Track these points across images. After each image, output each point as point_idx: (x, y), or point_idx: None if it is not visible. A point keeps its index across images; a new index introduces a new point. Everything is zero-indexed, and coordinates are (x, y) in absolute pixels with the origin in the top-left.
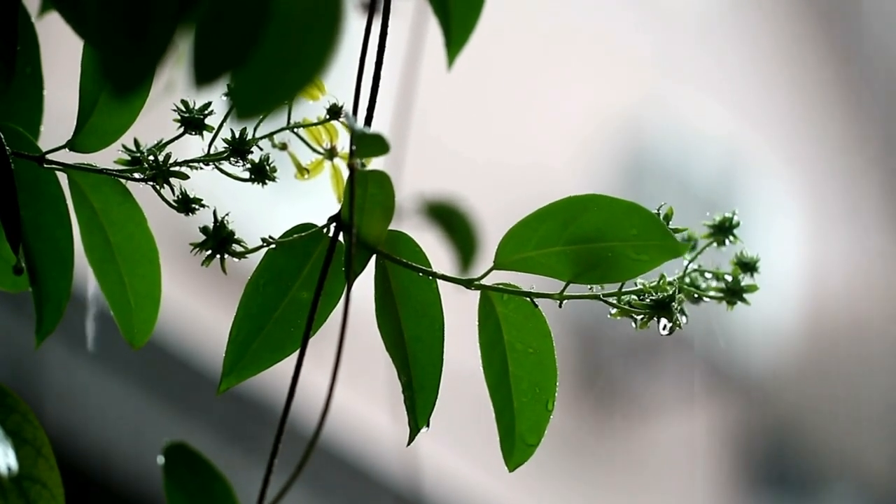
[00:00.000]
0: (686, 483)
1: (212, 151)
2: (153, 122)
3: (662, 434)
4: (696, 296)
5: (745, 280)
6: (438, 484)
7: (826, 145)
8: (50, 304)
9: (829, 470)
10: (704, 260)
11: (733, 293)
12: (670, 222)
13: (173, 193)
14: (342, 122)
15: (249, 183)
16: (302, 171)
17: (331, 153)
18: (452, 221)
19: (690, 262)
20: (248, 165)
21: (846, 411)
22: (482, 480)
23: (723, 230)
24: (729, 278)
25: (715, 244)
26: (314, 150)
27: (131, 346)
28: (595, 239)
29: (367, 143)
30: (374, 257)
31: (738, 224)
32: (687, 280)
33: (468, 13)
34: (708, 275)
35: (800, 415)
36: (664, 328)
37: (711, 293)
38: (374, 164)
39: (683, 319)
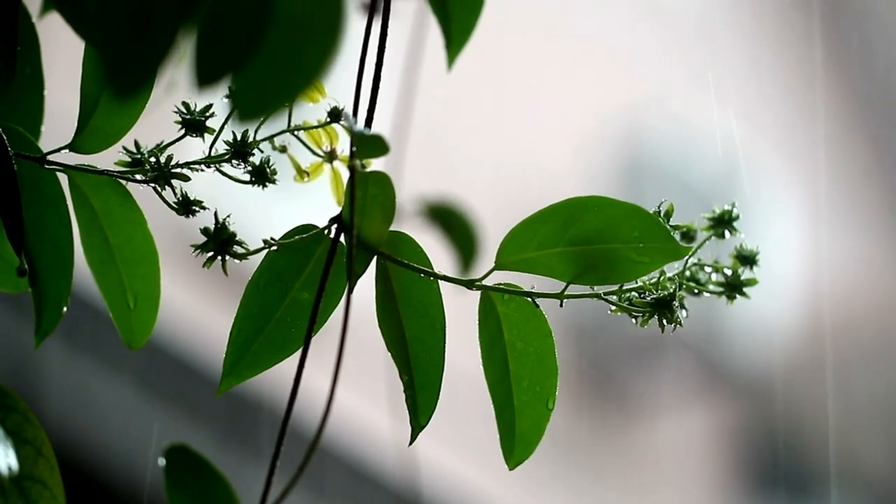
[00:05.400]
0: (686, 483)
1: (213, 153)
2: (154, 124)
3: (662, 434)
4: (695, 290)
5: (745, 273)
6: (438, 484)
7: (826, 146)
8: (49, 305)
9: (828, 470)
10: (705, 254)
11: (733, 287)
12: (670, 219)
13: (174, 195)
14: (342, 125)
15: (250, 185)
16: (301, 173)
17: (330, 156)
18: (452, 222)
19: (690, 255)
20: (249, 168)
21: (846, 411)
22: (482, 480)
23: (722, 223)
24: (728, 272)
25: (714, 237)
26: (314, 153)
27: (129, 348)
28: (596, 240)
29: (368, 144)
30: (374, 258)
31: (737, 217)
32: (687, 274)
33: (468, 14)
34: (707, 268)
35: (799, 415)
36: (666, 327)
37: (711, 287)
38: (374, 165)
39: (684, 314)
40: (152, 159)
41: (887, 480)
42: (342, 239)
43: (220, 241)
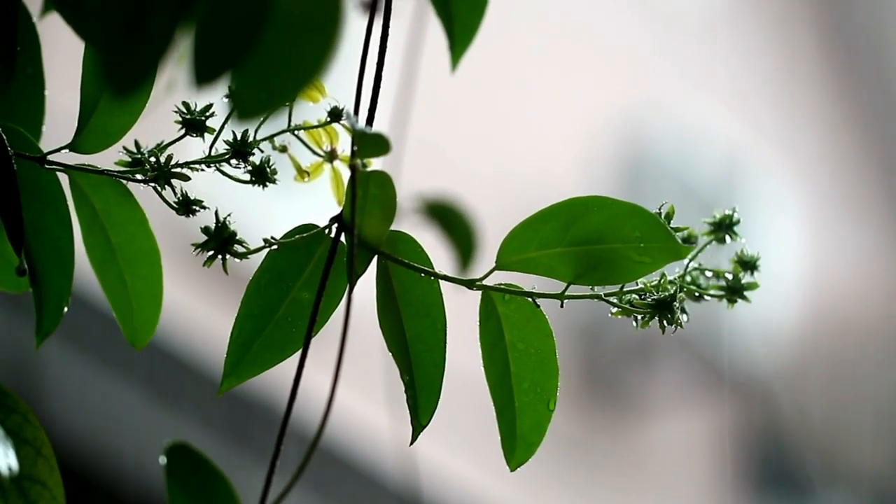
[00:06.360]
0: (686, 483)
1: (213, 153)
2: (154, 124)
3: (662, 434)
4: (696, 294)
5: (746, 278)
6: (438, 484)
7: (826, 145)
8: (50, 305)
9: (828, 470)
10: (705, 258)
11: (734, 291)
12: (671, 221)
13: (174, 195)
14: (343, 125)
15: (250, 185)
16: (302, 173)
17: (331, 156)
18: (451, 221)
19: (691, 260)
20: (249, 167)
21: (846, 411)
22: (482, 480)
23: (723, 227)
24: (729, 276)
25: (715, 242)
26: (314, 153)
27: (133, 347)
28: (597, 240)
29: (369, 144)
30: (375, 258)
31: (738, 221)
32: (688, 278)
33: (471, 15)
34: (708, 273)
35: (799, 415)
36: (667, 329)
37: (712, 291)
38: (373, 164)
39: (684, 318)
40: (152, 159)
41: (886, 480)
42: (343, 238)
43: (220, 240)
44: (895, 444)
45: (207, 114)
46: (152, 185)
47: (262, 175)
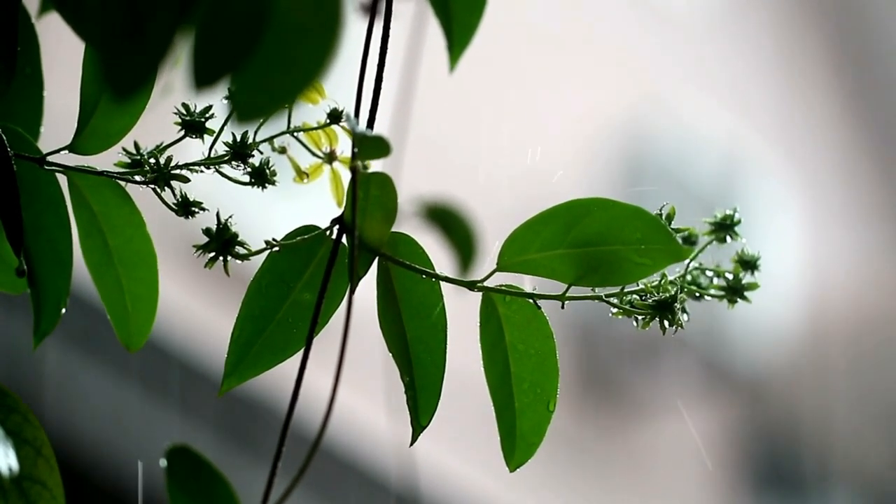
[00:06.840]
0: (686, 483)
1: (212, 155)
2: (154, 125)
3: (662, 434)
4: (697, 294)
5: (746, 278)
6: (438, 484)
7: (826, 145)
8: (48, 306)
9: (828, 470)
10: (705, 257)
11: (734, 291)
12: (672, 222)
13: (174, 196)
14: (342, 126)
15: (249, 186)
16: (301, 174)
17: (330, 157)
18: (451, 223)
19: (692, 259)
20: (249, 169)
21: (846, 411)
22: (482, 481)
23: (724, 227)
24: (730, 276)
25: (716, 242)
26: (314, 154)
27: (127, 350)
28: (598, 242)
29: (369, 145)
30: (376, 259)
31: (739, 221)
32: (688, 278)
33: (470, 15)
34: (709, 272)
35: (800, 415)
36: (668, 329)
37: (712, 291)
38: (373, 166)
39: (685, 318)
40: (152, 160)
41: (887, 480)
42: (344, 240)
43: (222, 242)
44: (893, 444)
45: (207, 115)
46: (152, 186)
47: (261, 176)
